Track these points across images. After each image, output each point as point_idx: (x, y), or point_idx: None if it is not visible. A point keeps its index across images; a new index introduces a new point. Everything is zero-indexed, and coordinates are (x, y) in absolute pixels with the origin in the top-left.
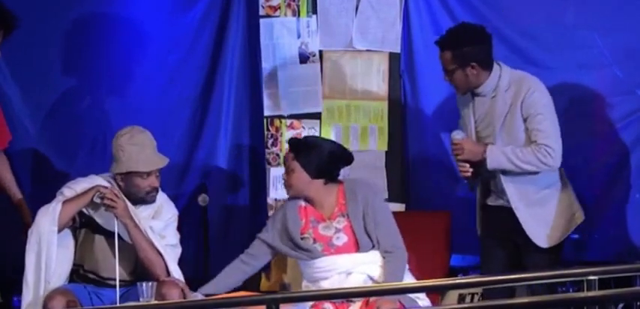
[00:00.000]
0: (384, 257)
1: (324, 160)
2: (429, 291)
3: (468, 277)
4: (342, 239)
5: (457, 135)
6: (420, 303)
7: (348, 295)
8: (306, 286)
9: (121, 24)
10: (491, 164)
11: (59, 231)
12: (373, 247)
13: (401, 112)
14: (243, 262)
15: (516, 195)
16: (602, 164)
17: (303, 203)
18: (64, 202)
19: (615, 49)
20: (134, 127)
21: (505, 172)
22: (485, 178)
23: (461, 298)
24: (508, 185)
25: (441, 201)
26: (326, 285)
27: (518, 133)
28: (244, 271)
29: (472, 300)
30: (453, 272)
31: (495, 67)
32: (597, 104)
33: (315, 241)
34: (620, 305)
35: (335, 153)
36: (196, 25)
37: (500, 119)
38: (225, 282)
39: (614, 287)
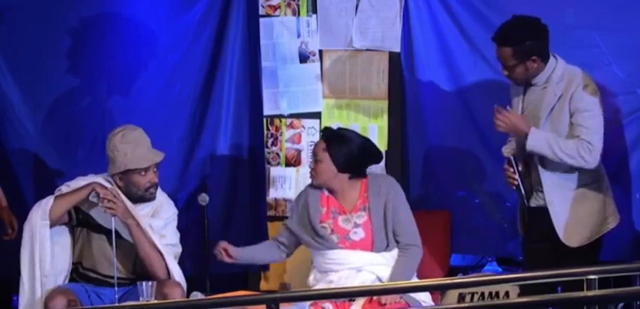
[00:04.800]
0: (400, 251)
1: (354, 155)
2: (428, 291)
3: (467, 277)
4: (359, 235)
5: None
6: (424, 303)
7: (347, 295)
8: (314, 276)
9: (121, 23)
10: (531, 143)
11: (53, 225)
12: (387, 247)
13: (401, 111)
14: (277, 242)
15: (552, 188)
16: (603, 163)
17: (325, 192)
18: (57, 197)
19: (615, 49)
20: (126, 126)
21: (544, 165)
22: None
23: (461, 298)
24: (546, 177)
25: (441, 201)
26: (335, 278)
27: (563, 127)
28: (275, 251)
29: (472, 300)
30: (452, 272)
31: (552, 59)
32: None
33: (332, 231)
34: (620, 305)
35: (366, 150)
36: (196, 25)
37: (547, 109)
38: (256, 251)
39: (614, 287)
